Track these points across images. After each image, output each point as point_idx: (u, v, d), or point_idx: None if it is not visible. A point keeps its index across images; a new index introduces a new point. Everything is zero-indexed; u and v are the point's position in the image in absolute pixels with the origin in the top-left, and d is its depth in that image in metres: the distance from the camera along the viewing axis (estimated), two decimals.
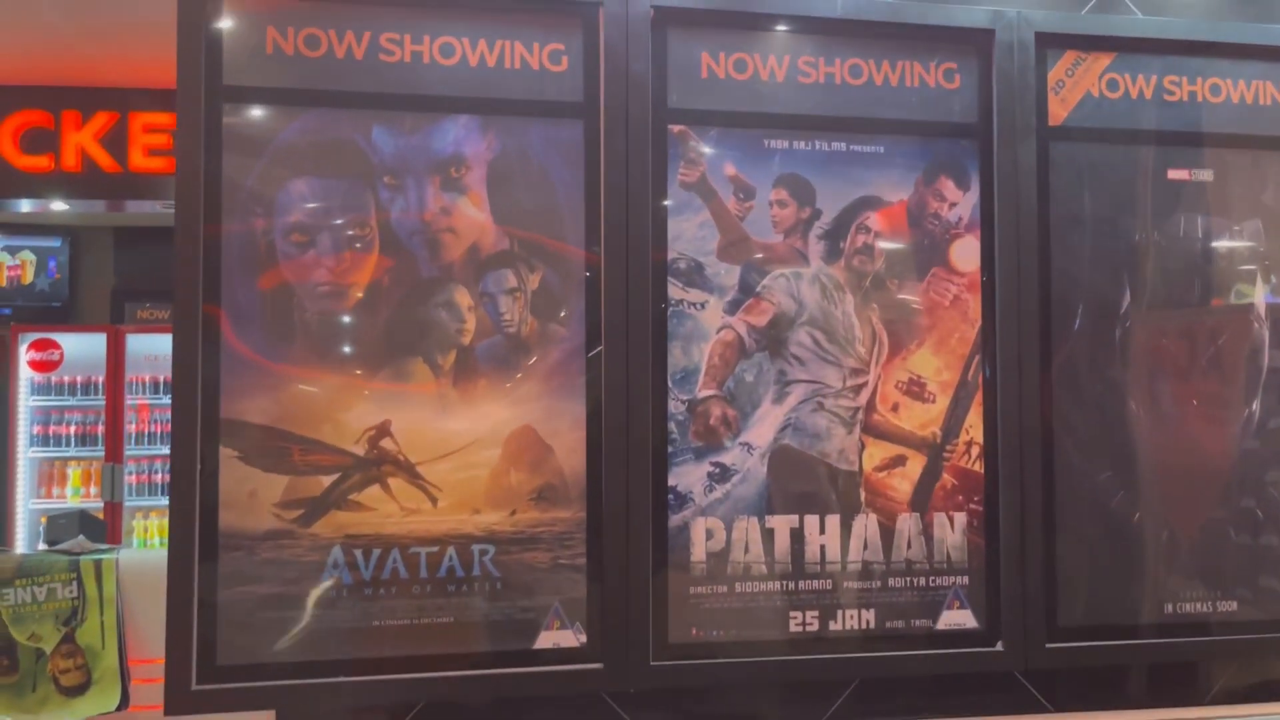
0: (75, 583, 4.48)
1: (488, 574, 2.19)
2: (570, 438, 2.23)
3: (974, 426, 2.42)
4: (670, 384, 2.30)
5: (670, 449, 2.28)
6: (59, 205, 4.45)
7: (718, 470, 2.31)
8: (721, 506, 2.31)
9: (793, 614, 2.32)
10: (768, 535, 2.32)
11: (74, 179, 4.26)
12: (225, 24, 2.14)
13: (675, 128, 2.34)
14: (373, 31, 2.21)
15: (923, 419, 2.41)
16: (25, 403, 6.67)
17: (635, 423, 2.25)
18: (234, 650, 2.09)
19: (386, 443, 2.15)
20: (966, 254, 2.45)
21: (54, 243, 7.43)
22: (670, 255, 2.31)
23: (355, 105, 2.19)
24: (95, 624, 4.50)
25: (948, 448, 2.41)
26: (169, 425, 6.89)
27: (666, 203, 2.32)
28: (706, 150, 2.35)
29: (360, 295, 2.17)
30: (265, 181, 2.14)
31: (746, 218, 2.36)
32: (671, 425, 2.29)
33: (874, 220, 2.42)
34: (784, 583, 2.33)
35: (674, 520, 2.28)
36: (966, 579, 2.40)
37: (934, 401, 2.41)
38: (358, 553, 2.14)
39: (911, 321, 2.42)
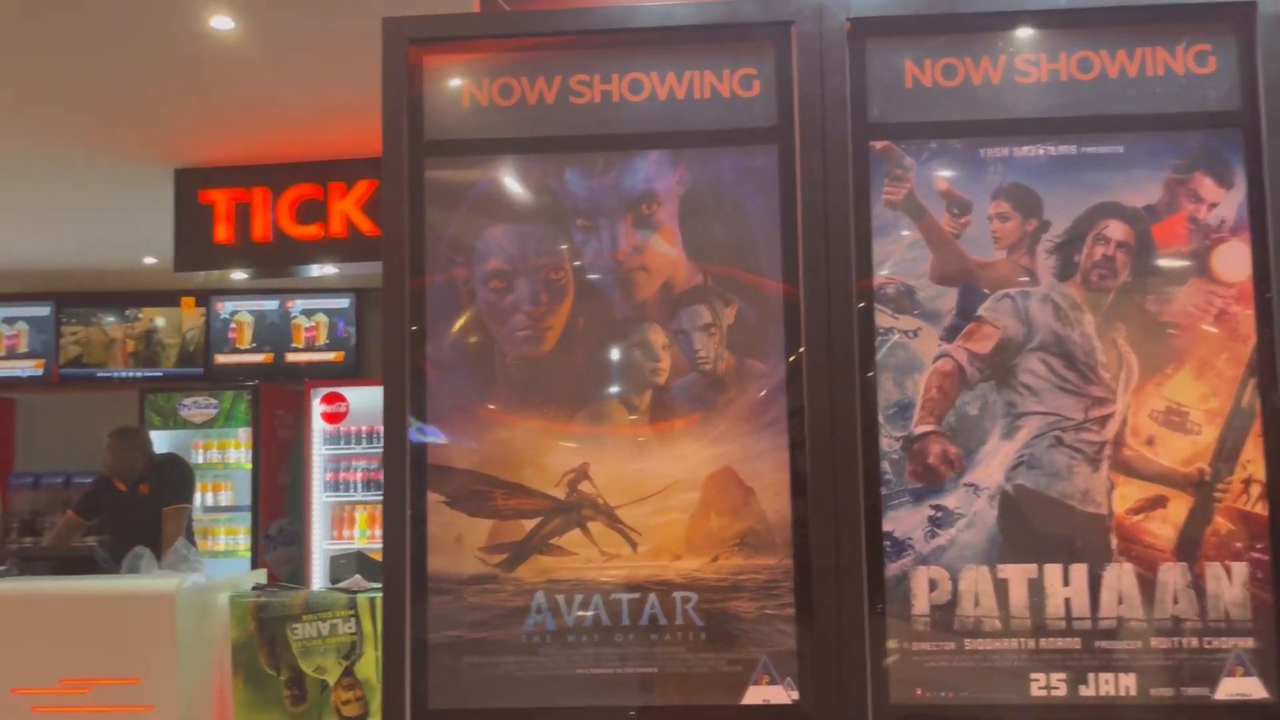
0: (354, 619, 4.81)
1: (691, 623, 2.09)
2: (773, 479, 2.11)
3: (1252, 461, 2.06)
4: (882, 420, 2.12)
5: (884, 491, 2.10)
6: (329, 269, 4.86)
7: (939, 514, 2.10)
8: (946, 554, 2.09)
9: (1034, 676, 2.06)
10: (1001, 586, 2.08)
11: (340, 244, 4.66)
12: (425, 82, 2.23)
13: (877, 144, 2.18)
14: (562, 75, 2.22)
15: (1186, 454, 2.08)
16: (318, 452, 7.35)
17: (844, 463, 2.09)
18: (443, 694, 2.11)
19: (585, 486, 2.13)
20: (1233, 260, 2.11)
21: (342, 303, 8.19)
22: (877, 281, 2.15)
23: (548, 150, 2.21)
24: (371, 658, 4.81)
25: (1219, 486, 2.06)
26: None
27: (871, 225, 2.16)
28: (913, 165, 2.17)
29: (556, 338, 2.17)
30: (464, 231, 2.20)
31: (962, 235, 2.16)
32: (885, 465, 2.11)
33: (1114, 229, 2.14)
34: (1023, 640, 2.07)
35: (891, 569, 2.09)
36: (1251, 641, 2.03)
37: (1199, 433, 2.08)
38: (560, 598, 2.11)
39: (1166, 342, 2.11)
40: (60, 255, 7.04)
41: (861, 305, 2.13)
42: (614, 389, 2.16)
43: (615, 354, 2.16)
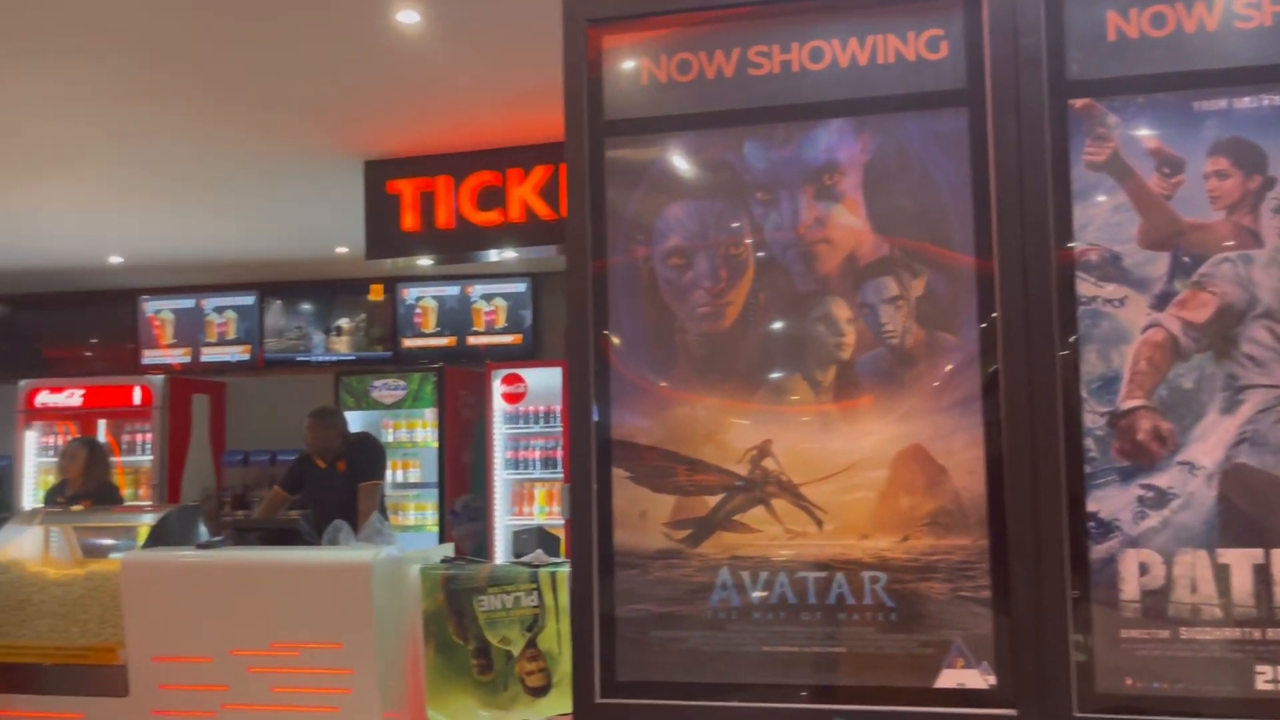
0: (536, 592, 4.95)
1: (880, 603, 2.04)
2: (966, 457, 2.02)
3: None
4: (1085, 394, 2.00)
5: (1088, 469, 1.98)
6: (509, 253, 5.00)
7: (1151, 494, 1.97)
8: (1158, 536, 1.96)
9: (1259, 669, 1.91)
10: (1222, 572, 1.93)
11: (518, 229, 4.78)
12: (604, 63, 2.24)
13: (1077, 102, 2.05)
14: (741, 47, 2.19)
15: None
16: (499, 431, 7.60)
17: (1043, 440, 1.98)
18: (632, 666, 2.14)
19: (768, 463, 2.10)
20: None
21: (520, 288, 8.43)
22: (1078, 247, 2.03)
23: (727, 124, 2.19)
24: (553, 631, 4.94)
25: None
26: None
27: (1071, 188, 2.04)
28: (1118, 123, 2.03)
29: (737, 314, 2.15)
30: (644, 209, 2.20)
31: (1174, 195, 2.00)
32: (1089, 442, 1.99)
33: None
34: (1247, 630, 1.92)
35: (1096, 551, 1.97)
36: None
37: None
38: (745, 575, 2.10)
39: None
40: (263, 248, 7.52)
41: (1061, 273, 2.01)
42: (796, 364, 2.12)
43: (797, 329, 2.13)
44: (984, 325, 2.03)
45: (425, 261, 5.12)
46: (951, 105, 2.09)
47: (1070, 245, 2.02)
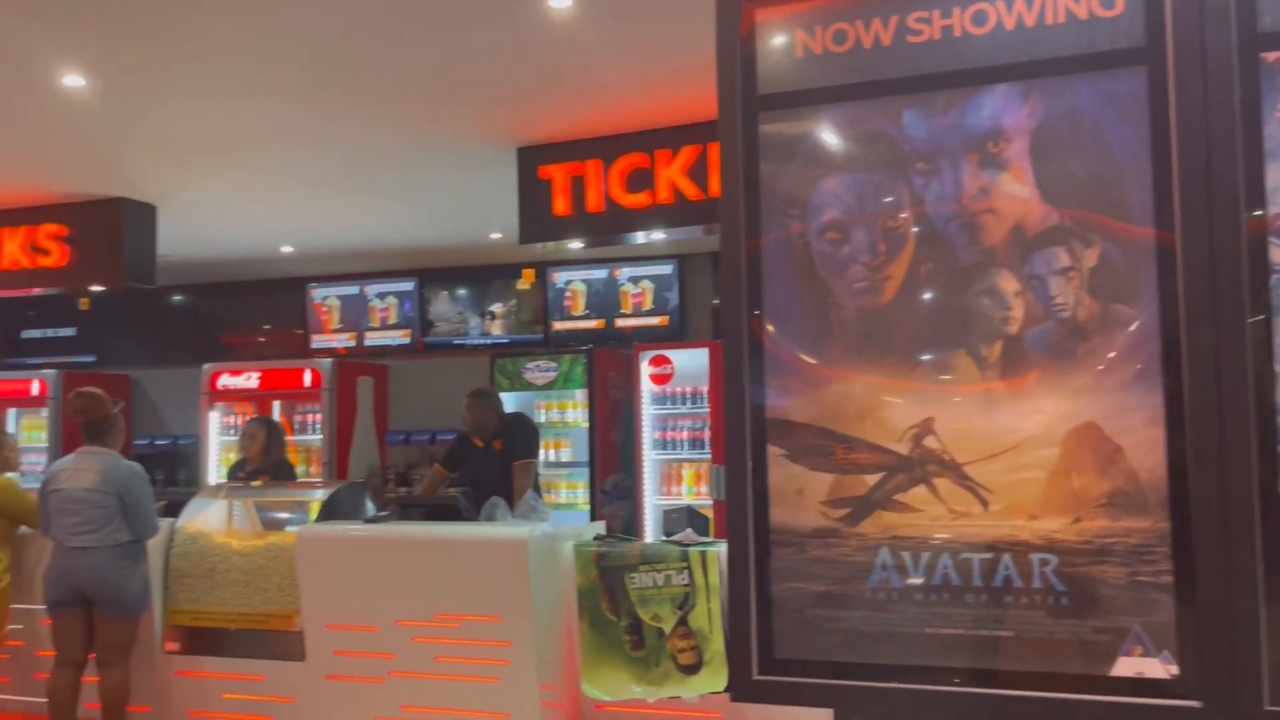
0: (686, 571, 4.98)
1: (1050, 587, 1.97)
2: (1144, 435, 1.92)
3: None
4: (1278, 368, 1.87)
5: None
6: (657, 235, 5.02)
7: None
8: None
9: None
10: None
11: (667, 210, 4.79)
12: (758, 37, 2.22)
13: (1270, 55, 1.90)
14: (899, 15, 2.13)
15: None
16: (647, 411, 7.66)
17: (1232, 418, 1.86)
18: (789, 644, 2.13)
19: (930, 441, 2.05)
20: None
21: (666, 270, 8.47)
22: (1272, 211, 1.89)
23: (885, 93, 2.13)
24: (704, 610, 4.95)
25: None
26: None
27: (1263, 148, 1.90)
28: None
29: (896, 288, 2.10)
30: (798, 183, 2.17)
31: None
32: None
33: None
34: None
35: None
36: None
37: None
38: (906, 555, 2.06)
39: None
40: (422, 235, 7.81)
41: (1252, 239, 1.88)
42: (960, 340, 2.05)
43: (961, 303, 2.06)
44: (1165, 296, 1.92)
45: (575, 245, 5.20)
46: (1128, 64, 1.97)
47: (1262, 209, 1.88)
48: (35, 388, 9.07)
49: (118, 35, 3.71)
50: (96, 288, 6.35)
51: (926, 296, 2.08)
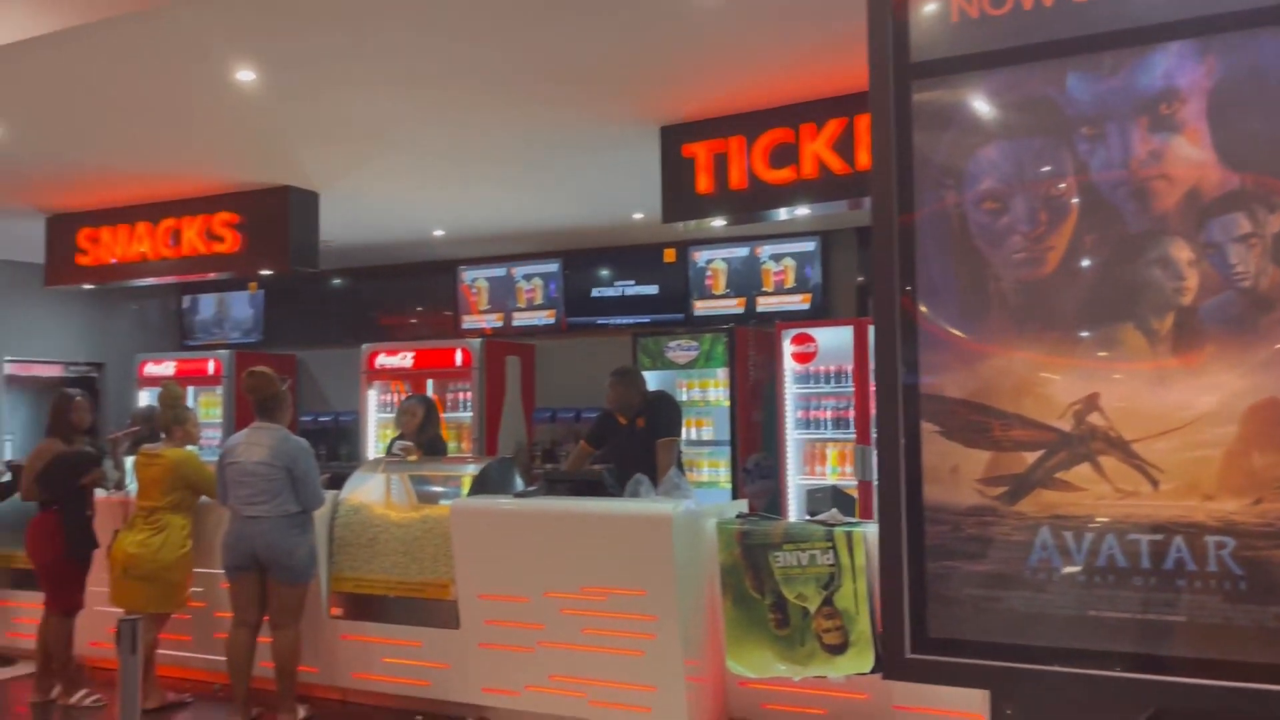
0: (831, 551, 4.93)
1: (1227, 571, 1.87)
2: None
3: None
4: None
5: None
6: (801, 211, 4.96)
7: None
8: None
9: None
10: None
11: (810, 185, 4.73)
12: (911, 3, 2.17)
13: None
14: None
15: None
16: (790, 391, 7.60)
17: None
18: (943, 624, 2.09)
19: (1095, 417, 1.97)
20: None
21: (808, 246, 8.36)
22: None
23: (1046, 56, 2.05)
24: (850, 590, 4.89)
25: None
26: None
27: None
28: None
29: (1059, 259, 2.02)
30: (954, 153, 2.12)
31: None
32: None
33: None
34: None
35: None
36: None
37: None
38: (1068, 535, 1.99)
39: None
40: (566, 217, 7.94)
41: None
42: (1128, 311, 1.97)
43: (1129, 273, 1.97)
44: None
45: (718, 223, 5.19)
46: None
47: None
48: (211, 367, 9.68)
49: (284, 31, 3.90)
50: (265, 271, 6.71)
51: (1091, 267, 2.00)
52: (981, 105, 2.11)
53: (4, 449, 9.16)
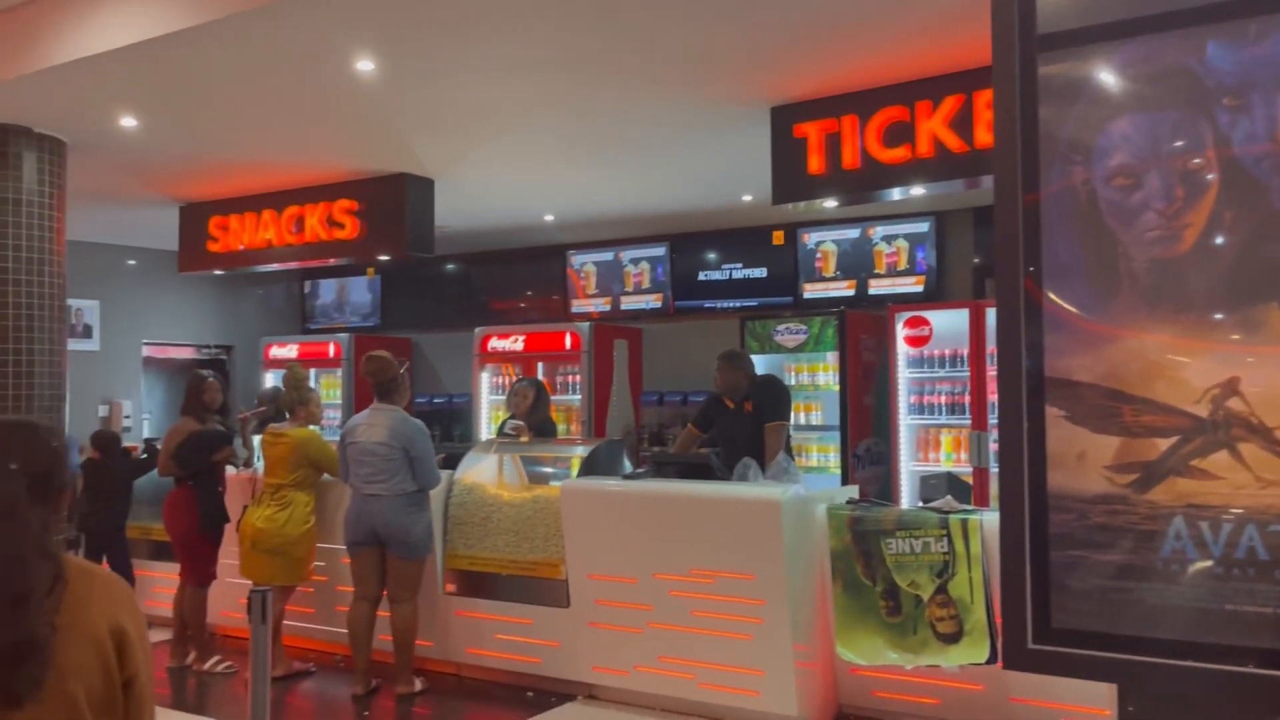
0: (946, 539, 4.83)
1: None
2: None
3: None
4: None
5: None
6: (916, 190, 4.85)
7: None
8: None
9: None
10: None
11: (926, 164, 4.61)
12: None
13: None
14: None
15: None
16: (902, 375, 7.46)
17: None
18: (1068, 614, 2.03)
19: (1234, 403, 1.88)
20: None
21: (922, 227, 8.17)
22: None
23: (1185, 24, 1.95)
24: (964, 579, 4.79)
25: None
26: None
27: None
28: None
29: (1196, 237, 1.93)
30: (1082, 127, 2.03)
31: None
32: None
33: None
34: None
35: None
36: None
37: None
38: (1203, 525, 1.91)
39: None
40: (672, 201, 7.94)
41: None
42: (1271, 292, 1.86)
43: (1273, 252, 1.86)
44: None
45: (830, 204, 5.11)
46: None
47: None
48: (331, 350, 10.03)
49: (403, 20, 3.99)
50: (383, 257, 6.91)
51: (1231, 245, 1.90)
52: (1113, 77, 2.02)
53: (143, 427, 9.67)
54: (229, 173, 6.67)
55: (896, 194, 5.13)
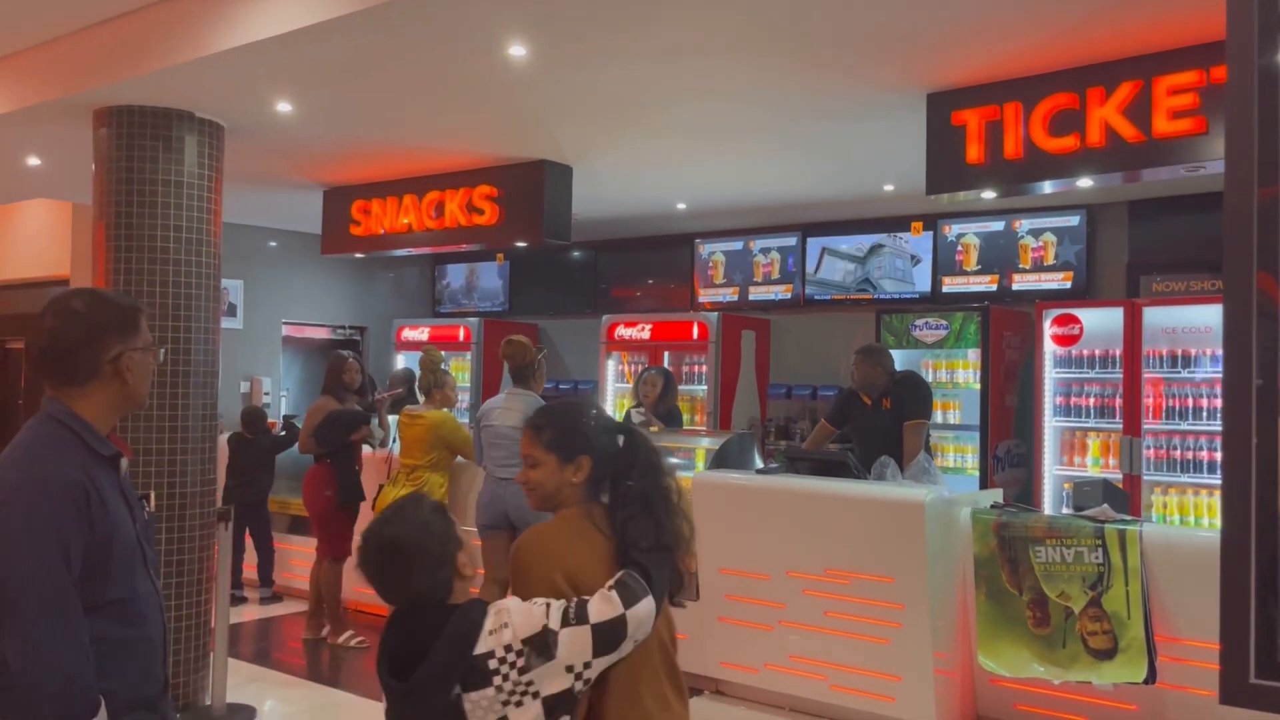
0: (1100, 549, 4.59)
1: None
2: None
3: None
4: None
5: None
6: (1084, 182, 4.59)
7: None
8: None
9: None
10: None
11: (1096, 154, 4.35)
12: None
13: None
14: None
15: None
16: (1049, 375, 7.13)
17: None
18: None
19: None
20: None
21: (1072, 221, 7.79)
22: None
23: None
24: (1120, 592, 4.55)
25: None
26: (1186, 400, 6.65)
27: None
28: None
29: None
30: None
31: None
32: None
33: None
34: None
35: None
36: None
37: None
38: None
39: None
40: (807, 188, 7.74)
41: None
42: None
43: None
44: None
45: (988, 195, 4.87)
46: None
47: None
48: (461, 334, 10.19)
49: (548, 6, 3.96)
50: (520, 243, 6.94)
51: None
52: None
53: (280, 404, 10.01)
54: (373, 158, 6.79)
55: (1048, 186, 4.85)
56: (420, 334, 10.38)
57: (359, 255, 8.01)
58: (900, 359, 7.11)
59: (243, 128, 5.69)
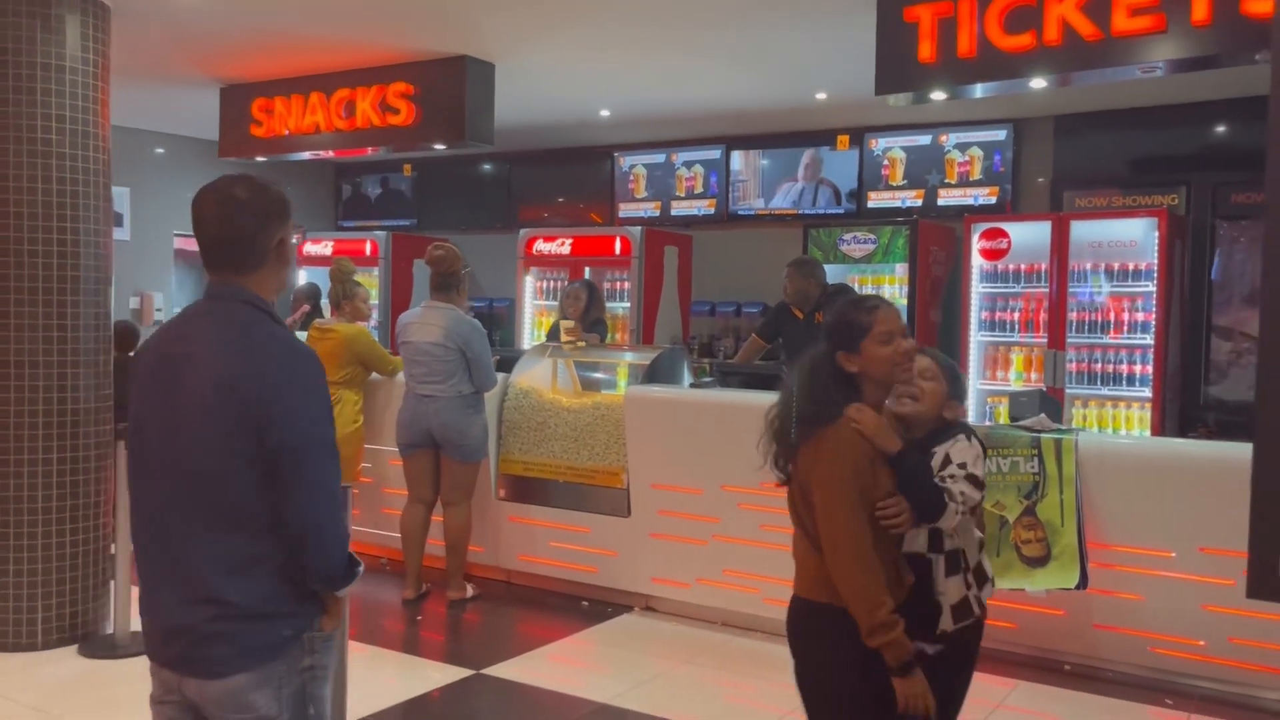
0: (1036, 459, 4.59)
1: None
2: None
3: None
4: None
5: None
6: (1038, 83, 4.46)
7: None
8: None
9: None
10: None
11: (1053, 53, 4.21)
12: None
13: None
14: None
15: None
16: (975, 290, 7.13)
17: None
18: None
19: None
20: None
21: (998, 135, 7.74)
22: None
23: None
24: (1055, 500, 4.57)
25: None
26: (1107, 313, 6.73)
27: None
28: None
29: None
30: None
31: None
32: None
33: None
34: None
35: None
36: None
37: None
38: None
39: None
40: (732, 99, 7.48)
41: None
42: None
43: None
44: None
45: (938, 96, 4.71)
46: None
47: None
48: (368, 248, 9.71)
49: None
50: (439, 145, 6.54)
51: None
52: None
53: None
54: (278, 51, 6.26)
55: (986, 89, 4.71)
56: (324, 248, 9.87)
57: (260, 159, 7.46)
58: (827, 274, 6.98)
59: (131, 9, 5.15)
